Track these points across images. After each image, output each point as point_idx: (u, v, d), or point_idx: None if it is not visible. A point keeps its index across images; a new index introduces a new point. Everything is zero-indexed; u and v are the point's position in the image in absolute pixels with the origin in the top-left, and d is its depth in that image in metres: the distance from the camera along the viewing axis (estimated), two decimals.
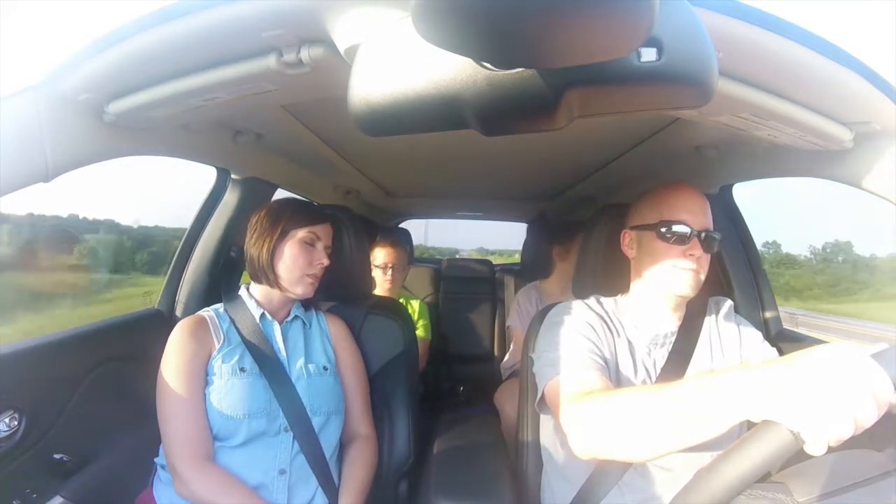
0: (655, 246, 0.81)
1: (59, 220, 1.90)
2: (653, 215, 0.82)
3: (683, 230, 0.78)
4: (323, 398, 0.92)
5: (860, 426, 0.39)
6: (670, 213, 0.80)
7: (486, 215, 3.10)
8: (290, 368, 0.92)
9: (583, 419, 0.63)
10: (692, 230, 0.79)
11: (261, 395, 0.86)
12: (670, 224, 0.79)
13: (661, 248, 0.80)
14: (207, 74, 0.63)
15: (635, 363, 0.83)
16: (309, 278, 0.94)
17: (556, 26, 0.30)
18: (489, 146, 1.31)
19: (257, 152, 1.19)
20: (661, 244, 0.80)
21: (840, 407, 0.39)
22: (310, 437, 0.88)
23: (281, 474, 0.85)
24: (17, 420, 0.79)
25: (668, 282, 0.80)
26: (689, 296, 0.81)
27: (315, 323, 1.02)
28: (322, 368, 0.95)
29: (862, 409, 0.39)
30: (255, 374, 0.88)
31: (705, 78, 0.40)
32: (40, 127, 0.64)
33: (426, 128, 0.47)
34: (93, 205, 2.16)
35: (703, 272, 0.81)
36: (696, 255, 0.78)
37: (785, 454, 0.41)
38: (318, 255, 0.95)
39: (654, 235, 0.81)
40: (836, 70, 0.58)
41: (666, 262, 0.80)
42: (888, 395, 0.39)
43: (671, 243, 0.79)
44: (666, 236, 0.79)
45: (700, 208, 0.81)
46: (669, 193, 0.83)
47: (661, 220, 0.80)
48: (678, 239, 0.79)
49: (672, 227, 0.79)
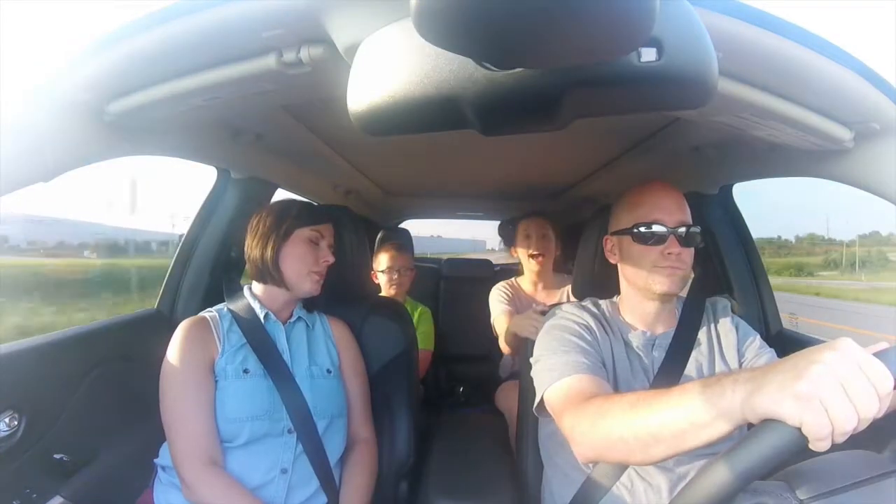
0: (633, 249, 0.82)
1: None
2: (628, 219, 0.83)
3: (659, 230, 0.79)
4: (326, 401, 0.92)
5: (863, 419, 0.39)
6: (644, 214, 0.81)
7: (486, 215, 3.09)
8: (295, 370, 0.91)
9: (583, 426, 0.63)
10: (667, 228, 0.79)
11: (265, 397, 0.86)
12: (644, 225, 0.80)
13: (638, 251, 0.81)
14: (207, 74, 0.63)
15: (633, 365, 0.83)
16: (315, 276, 0.94)
17: (555, 26, 0.30)
18: (489, 146, 1.32)
19: (257, 152, 1.19)
20: (638, 247, 0.81)
21: (840, 399, 0.39)
22: (313, 438, 0.87)
23: (282, 473, 0.85)
24: (17, 420, 0.79)
25: (650, 283, 0.81)
26: (674, 293, 0.82)
27: (318, 325, 1.02)
28: (325, 371, 0.95)
29: (862, 399, 0.39)
30: (260, 376, 0.87)
31: (705, 78, 0.40)
32: (40, 126, 0.64)
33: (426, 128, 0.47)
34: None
35: (684, 268, 0.81)
36: (674, 252, 0.79)
37: (787, 452, 0.41)
38: (324, 253, 0.96)
39: (631, 239, 0.82)
40: (836, 70, 0.58)
41: (645, 264, 0.80)
42: (888, 388, 0.39)
43: (648, 245, 0.80)
44: (643, 238, 0.80)
45: (674, 205, 0.81)
46: (642, 194, 0.84)
47: (635, 223, 0.81)
48: (655, 239, 0.79)
49: (646, 228, 0.79)
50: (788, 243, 33.27)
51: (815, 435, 0.39)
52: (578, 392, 0.70)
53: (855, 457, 0.48)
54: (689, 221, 0.81)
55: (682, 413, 0.50)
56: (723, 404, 0.46)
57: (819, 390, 0.39)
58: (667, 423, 0.51)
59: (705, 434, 0.48)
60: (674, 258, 0.79)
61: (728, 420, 0.46)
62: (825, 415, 0.39)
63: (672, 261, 0.79)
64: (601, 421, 0.60)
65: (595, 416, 0.62)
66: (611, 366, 0.81)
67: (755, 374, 0.45)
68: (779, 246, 31.28)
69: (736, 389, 0.46)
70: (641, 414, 0.54)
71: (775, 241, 31.88)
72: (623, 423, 0.56)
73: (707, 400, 0.48)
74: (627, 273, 0.86)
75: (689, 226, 0.80)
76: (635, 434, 0.54)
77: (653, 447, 0.53)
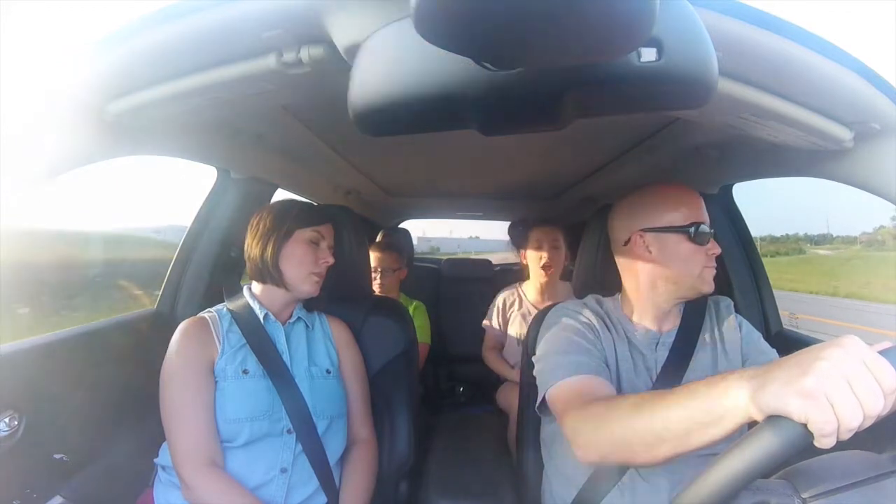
0: (683, 248, 0.81)
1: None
2: (673, 217, 0.82)
3: (707, 230, 0.81)
4: (326, 401, 0.91)
5: (868, 415, 0.39)
6: (692, 214, 0.82)
7: (486, 215, 3.09)
8: (294, 370, 0.91)
9: (585, 429, 0.63)
10: (710, 230, 0.82)
11: (264, 398, 0.86)
12: (698, 225, 0.81)
13: (690, 250, 0.81)
14: (207, 74, 0.63)
15: (636, 363, 0.83)
16: (315, 276, 0.94)
17: (555, 26, 0.30)
18: (489, 146, 1.31)
19: (257, 152, 1.19)
20: (691, 246, 0.81)
21: (846, 395, 0.39)
22: (312, 438, 0.87)
23: (282, 472, 0.85)
24: (17, 420, 0.79)
25: (698, 283, 0.82)
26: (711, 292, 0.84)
27: (318, 325, 1.02)
28: (325, 372, 0.95)
29: (868, 396, 0.39)
30: (259, 376, 0.87)
31: (705, 78, 0.40)
32: (40, 127, 0.64)
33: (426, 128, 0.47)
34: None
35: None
36: (716, 253, 0.82)
37: (792, 448, 0.40)
38: (323, 254, 0.96)
39: (685, 238, 0.81)
40: (836, 70, 0.58)
41: (695, 263, 0.81)
42: (893, 385, 0.39)
43: (701, 244, 0.81)
44: (700, 238, 0.81)
45: (704, 207, 0.84)
46: (682, 195, 0.84)
47: (691, 222, 0.81)
48: (704, 239, 0.81)
49: (700, 228, 0.81)
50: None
51: (820, 431, 0.39)
52: (580, 393, 0.70)
53: (857, 456, 0.48)
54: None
55: (687, 412, 0.50)
56: (728, 402, 0.46)
57: (825, 387, 0.39)
58: (671, 423, 0.51)
59: (711, 433, 0.48)
60: (713, 258, 0.82)
61: (733, 418, 0.46)
62: (831, 411, 0.39)
63: (712, 261, 0.82)
64: (604, 424, 0.60)
65: (597, 420, 0.61)
66: (613, 364, 0.81)
67: (760, 372, 0.45)
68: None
69: (741, 387, 0.46)
70: (645, 415, 0.54)
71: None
72: (626, 425, 0.56)
73: (712, 398, 0.48)
74: (667, 271, 0.83)
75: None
76: (639, 435, 0.54)
77: (657, 447, 0.53)
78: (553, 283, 1.74)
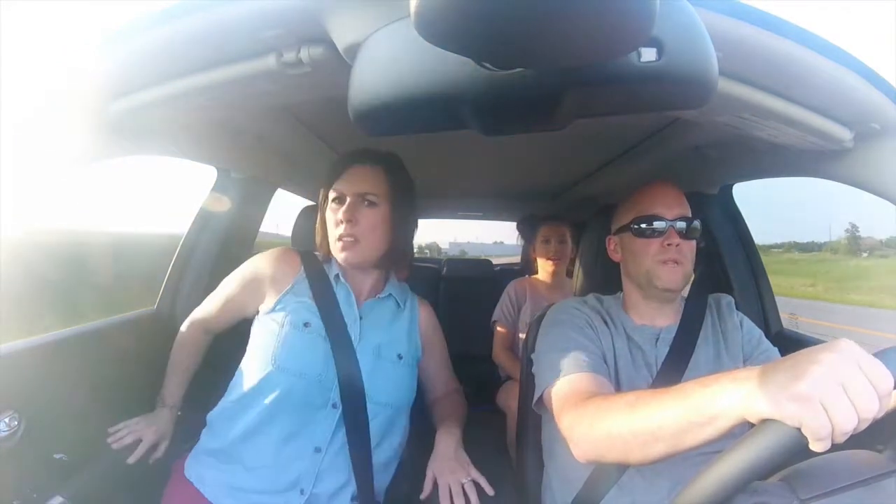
0: (635, 244, 0.83)
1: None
2: (628, 215, 0.85)
3: (658, 222, 0.80)
4: (386, 386, 0.84)
5: (863, 418, 0.39)
6: (643, 208, 0.82)
7: (487, 215, 3.09)
8: (360, 345, 0.83)
9: (582, 426, 0.63)
10: (666, 221, 0.80)
11: (318, 358, 0.79)
12: (644, 220, 0.81)
13: (639, 245, 0.82)
14: (208, 74, 0.63)
15: (635, 359, 0.83)
16: (340, 242, 0.84)
17: (555, 26, 0.30)
18: (489, 146, 1.32)
19: (257, 152, 1.19)
20: (639, 241, 0.82)
21: (840, 399, 0.39)
22: (358, 420, 0.79)
23: (315, 452, 0.78)
24: (17, 420, 0.79)
25: (651, 278, 0.81)
26: (675, 290, 0.82)
27: (408, 306, 0.95)
28: (396, 356, 0.87)
29: (862, 399, 0.39)
30: (320, 335, 0.81)
31: (705, 78, 0.40)
32: (40, 127, 0.64)
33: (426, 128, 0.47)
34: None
35: (686, 263, 0.81)
36: (674, 243, 0.79)
37: (787, 452, 0.40)
38: (341, 215, 0.84)
39: (632, 234, 0.83)
40: (836, 70, 0.58)
41: (646, 258, 0.81)
42: (888, 387, 0.39)
43: (649, 238, 0.81)
44: (642, 232, 0.81)
45: (673, 199, 0.82)
46: (642, 192, 0.85)
47: (634, 218, 0.82)
48: (655, 232, 0.80)
49: (646, 224, 0.81)
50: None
51: (814, 435, 0.39)
52: (578, 391, 0.70)
53: (855, 456, 0.48)
54: (689, 215, 0.82)
55: (682, 412, 0.50)
56: (721, 403, 0.46)
57: (819, 391, 0.39)
58: (666, 422, 0.51)
59: (704, 433, 0.48)
60: (674, 250, 0.79)
61: (727, 419, 0.46)
62: (825, 415, 0.39)
63: (672, 252, 0.79)
64: (600, 421, 0.60)
65: (594, 416, 0.62)
66: (612, 360, 0.81)
67: (754, 374, 0.45)
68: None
69: (735, 389, 0.46)
70: (640, 413, 0.54)
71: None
72: (622, 423, 0.56)
73: (705, 398, 0.48)
74: (630, 269, 0.86)
75: (689, 219, 0.81)
76: (634, 433, 0.54)
77: (652, 446, 0.53)
78: (560, 275, 1.81)
